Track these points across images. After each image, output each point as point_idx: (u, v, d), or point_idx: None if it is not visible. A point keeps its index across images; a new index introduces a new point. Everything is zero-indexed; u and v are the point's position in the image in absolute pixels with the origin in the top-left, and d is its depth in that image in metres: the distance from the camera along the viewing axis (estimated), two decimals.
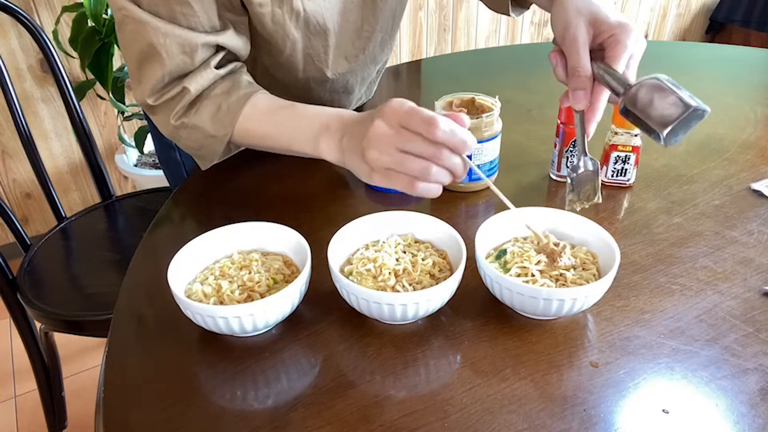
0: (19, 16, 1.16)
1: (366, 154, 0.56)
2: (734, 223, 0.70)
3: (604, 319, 0.56)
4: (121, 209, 1.35)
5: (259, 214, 0.72)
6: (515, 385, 0.50)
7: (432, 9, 2.36)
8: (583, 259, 0.58)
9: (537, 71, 1.20)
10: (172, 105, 0.70)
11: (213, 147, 0.74)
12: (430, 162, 0.54)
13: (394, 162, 0.55)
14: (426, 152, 0.54)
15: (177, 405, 0.49)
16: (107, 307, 1.06)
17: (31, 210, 1.98)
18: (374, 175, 0.57)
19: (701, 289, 0.60)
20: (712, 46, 1.30)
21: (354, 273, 0.57)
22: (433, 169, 0.54)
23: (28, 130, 1.21)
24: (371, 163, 0.56)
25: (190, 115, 0.71)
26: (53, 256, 1.21)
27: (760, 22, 2.79)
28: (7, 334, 1.73)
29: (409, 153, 0.54)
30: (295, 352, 0.54)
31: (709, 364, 0.51)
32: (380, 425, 0.47)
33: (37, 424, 1.45)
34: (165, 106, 0.71)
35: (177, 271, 0.56)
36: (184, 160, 0.95)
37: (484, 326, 0.56)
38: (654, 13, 2.93)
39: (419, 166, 0.54)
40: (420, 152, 0.54)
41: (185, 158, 0.95)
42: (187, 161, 0.95)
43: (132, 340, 0.57)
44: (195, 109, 0.71)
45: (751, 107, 0.99)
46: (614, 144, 0.74)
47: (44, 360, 1.23)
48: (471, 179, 0.76)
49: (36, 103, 1.83)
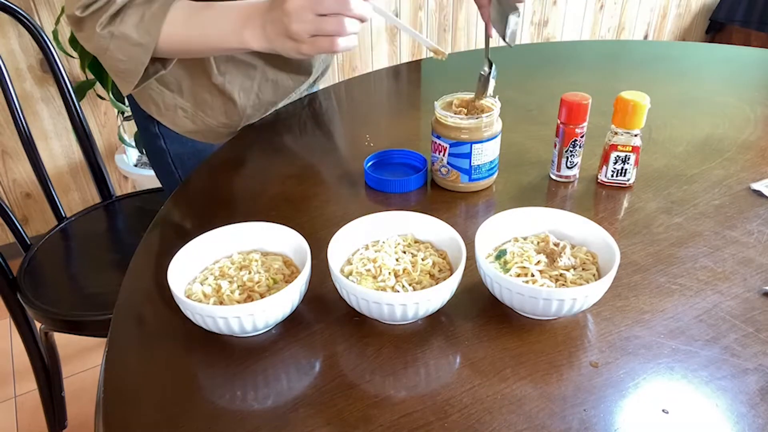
0: (19, 16, 1.16)
1: (290, 29, 0.64)
2: (734, 223, 0.70)
3: (604, 319, 0.56)
4: (121, 209, 1.35)
5: (259, 214, 0.72)
6: (515, 385, 0.50)
7: (432, 9, 2.36)
8: (583, 259, 0.58)
9: (537, 71, 1.20)
10: (99, 15, 0.72)
11: (139, 58, 0.75)
12: (341, 15, 0.62)
13: (315, 27, 0.63)
14: (336, 7, 0.62)
15: (177, 405, 0.49)
16: (107, 307, 1.06)
17: (31, 210, 1.98)
18: (302, 47, 0.65)
19: (701, 289, 0.60)
20: (712, 46, 1.30)
21: (354, 273, 0.57)
22: (345, 20, 0.62)
23: (28, 130, 1.21)
24: (296, 36, 0.64)
25: (116, 23, 0.73)
26: (53, 256, 1.21)
27: (760, 22, 2.79)
28: (7, 334, 1.73)
29: (323, 15, 0.62)
30: (295, 352, 0.54)
31: (709, 364, 0.51)
32: (380, 425, 0.47)
33: (37, 424, 1.45)
34: (91, 18, 0.73)
35: (177, 271, 0.56)
36: (169, 148, 0.97)
37: (484, 326, 0.56)
38: (654, 13, 2.93)
39: (334, 22, 0.62)
40: (332, 9, 0.62)
41: (170, 146, 0.97)
42: (172, 148, 0.97)
43: (132, 340, 0.57)
44: (120, 18, 0.73)
45: (751, 107, 0.99)
46: (614, 144, 0.74)
47: (44, 360, 1.22)
48: (471, 179, 0.76)
49: (36, 103, 1.83)
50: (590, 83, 1.13)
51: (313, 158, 0.90)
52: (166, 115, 0.93)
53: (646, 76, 1.17)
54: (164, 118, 0.93)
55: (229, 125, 0.96)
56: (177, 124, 0.94)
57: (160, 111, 0.92)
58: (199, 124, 0.94)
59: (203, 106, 0.92)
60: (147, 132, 0.98)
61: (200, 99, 0.92)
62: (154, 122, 0.95)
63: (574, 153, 0.76)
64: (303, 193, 0.79)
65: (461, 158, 0.74)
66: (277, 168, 0.85)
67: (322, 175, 0.84)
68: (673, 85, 1.10)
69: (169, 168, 0.99)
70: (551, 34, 2.72)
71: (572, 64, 1.25)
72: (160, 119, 0.93)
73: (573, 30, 2.76)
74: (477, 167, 0.75)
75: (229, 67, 0.89)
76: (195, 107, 0.92)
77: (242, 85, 0.92)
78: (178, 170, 0.98)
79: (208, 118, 0.93)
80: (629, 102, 0.71)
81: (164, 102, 0.91)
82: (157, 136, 0.96)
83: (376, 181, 0.78)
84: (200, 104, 0.92)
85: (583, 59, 1.27)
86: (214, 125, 0.95)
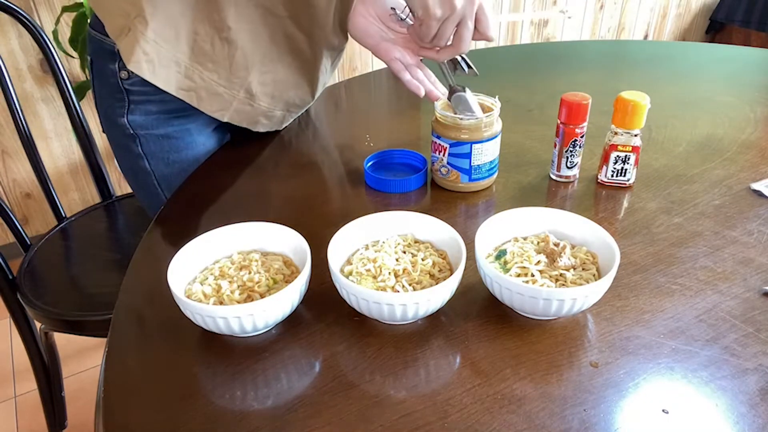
0: (19, 16, 1.16)
1: None
2: (734, 223, 0.70)
3: (604, 319, 0.56)
4: (121, 209, 1.35)
5: (258, 214, 0.72)
6: (515, 385, 0.50)
7: None
8: (583, 259, 0.58)
9: (537, 71, 1.20)
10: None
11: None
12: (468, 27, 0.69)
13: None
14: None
15: (177, 405, 0.49)
16: (107, 307, 1.06)
17: (31, 210, 1.98)
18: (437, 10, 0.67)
19: (701, 289, 0.60)
20: (712, 46, 1.30)
21: (354, 273, 0.57)
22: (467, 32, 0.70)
23: (28, 130, 1.21)
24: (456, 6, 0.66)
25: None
26: (53, 256, 1.21)
27: (760, 22, 2.79)
28: (7, 334, 1.73)
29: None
30: (295, 352, 0.54)
31: (709, 364, 0.51)
32: (380, 425, 0.47)
33: (37, 424, 1.45)
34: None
35: (177, 272, 0.56)
36: (154, 170, 0.90)
37: (484, 326, 0.56)
38: (654, 13, 2.93)
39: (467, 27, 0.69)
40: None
41: (155, 167, 0.90)
42: (157, 169, 0.90)
43: (132, 340, 0.57)
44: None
45: (751, 107, 0.99)
46: (614, 144, 0.74)
47: (44, 360, 1.23)
48: (471, 179, 0.76)
49: (36, 103, 1.83)
50: (590, 83, 1.13)
51: (313, 158, 0.90)
52: (159, 74, 0.81)
53: (646, 76, 1.17)
54: (157, 78, 0.81)
55: (230, 84, 0.84)
56: (170, 83, 0.82)
57: (153, 68, 0.80)
58: (197, 81, 0.83)
59: (202, 59, 0.81)
60: (128, 152, 0.89)
61: (199, 50, 0.81)
62: (136, 140, 0.87)
63: (574, 153, 0.76)
64: (303, 193, 0.79)
65: (461, 158, 0.74)
66: (277, 168, 0.85)
67: (322, 175, 0.84)
68: (673, 85, 1.10)
69: (154, 190, 0.92)
70: (551, 34, 2.72)
71: (572, 64, 1.25)
72: (153, 78, 0.80)
73: (573, 30, 2.76)
74: (477, 167, 0.75)
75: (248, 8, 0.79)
76: (192, 60, 0.81)
77: (254, 31, 0.81)
78: (165, 192, 0.92)
79: (207, 72, 0.82)
80: (629, 102, 0.71)
81: (159, 58, 0.79)
82: (140, 156, 0.89)
83: (376, 181, 0.78)
84: (198, 56, 0.81)
85: (583, 59, 1.27)
86: (213, 83, 0.84)
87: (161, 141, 0.88)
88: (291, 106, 0.94)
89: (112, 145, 0.92)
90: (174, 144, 0.89)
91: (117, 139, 0.89)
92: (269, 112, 0.91)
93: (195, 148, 0.91)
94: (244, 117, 0.89)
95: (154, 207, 0.92)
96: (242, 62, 0.83)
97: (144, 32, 0.77)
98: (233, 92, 0.85)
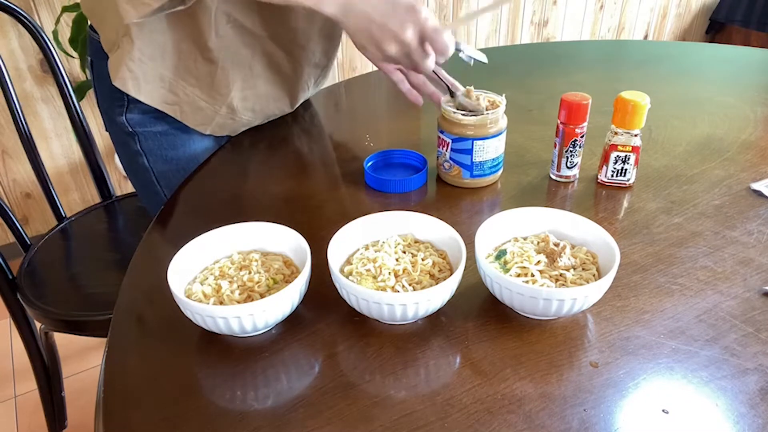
0: (19, 16, 1.16)
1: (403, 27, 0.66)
2: (734, 223, 0.70)
3: (604, 319, 0.56)
4: (121, 209, 1.35)
5: (259, 214, 0.72)
6: (515, 385, 0.50)
7: (432, 9, 2.36)
8: (583, 259, 0.58)
9: (537, 71, 1.20)
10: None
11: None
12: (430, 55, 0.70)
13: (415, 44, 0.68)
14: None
15: (177, 405, 0.49)
16: (107, 307, 1.06)
17: (31, 210, 1.98)
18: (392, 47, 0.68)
19: (701, 289, 0.60)
20: (712, 46, 1.30)
21: (354, 273, 0.57)
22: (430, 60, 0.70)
23: (28, 130, 1.21)
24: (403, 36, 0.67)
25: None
26: (53, 256, 1.21)
27: (760, 22, 2.79)
28: (7, 334, 1.73)
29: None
30: (295, 352, 0.54)
31: (709, 364, 0.51)
32: (380, 425, 0.47)
33: (37, 424, 1.45)
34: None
35: (177, 272, 0.56)
36: (153, 167, 0.91)
37: (484, 326, 0.56)
38: (654, 13, 2.93)
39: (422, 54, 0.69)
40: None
41: (153, 164, 0.91)
42: (156, 166, 0.91)
43: (132, 340, 0.57)
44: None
45: (751, 107, 0.99)
46: (614, 144, 0.74)
47: (44, 360, 1.22)
48: (473, 175, 0.76)
49: (36, 103, 1.83)
50: (590, 83, 1.13)
51: (313, 158, 0.90)
52: (144, 89, 0.82)
53: (646, 76, 1.17)
54: (142, 93, 0.83)
55: (213, 100, 0.86)
56: (154, 97, 0.84)
57: (138, 85, 0.82)
58: (180, 95, 0.84)
59: (185, 75, 0.83)
60: (127, 149, 0.90)
61: (183, 66, 0.82)
62: (134, 138, 0.88)
63: (574, 153, 0.76)
64: (303, 193, 0.79)
65: (463, 154, 0.74)
66: (277, 168, 0.85)
67: (322, 175, 0.84)
68: (673, 85, 1.10)
69: (153, 188, 0.93)
70: (551, 34, 2.72)
71: (572, 64, 1.25)
72: (138, 94, 0.82)
73: (573, 30, 2.76)
74: (479, 164, 0.75)
75: (227, 29, 0.81)
76: (176, 75, 0.83)
77: (235, 52, 0.84)
78: (164, 190, 0.93)
79: (190, 87, 0.84)
80: (629, 102, 0.71)
81: (144, 74, 0.81)
82: (139, 153, 0.90)
83: (376, 181, 0.78)
84: (181, 72, 0.83)
85: (583, 59, 1.27)
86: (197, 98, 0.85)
87: (159, 138, 0.89)
88: (271, 117, 0.98)
89: (114, 143, 0.94)
90: (171, 141, 0.90)
91: (117, 137, 0.91)
92: (250, 124, 0.95)
93: (192, 144, 0.92)
94: (226, 129, 0.93)
95: (155, 205, 0.94)
96: (224, 81, 0.85)
97: (130, 51, 0.78)
98: (215, 107, 0.88)
